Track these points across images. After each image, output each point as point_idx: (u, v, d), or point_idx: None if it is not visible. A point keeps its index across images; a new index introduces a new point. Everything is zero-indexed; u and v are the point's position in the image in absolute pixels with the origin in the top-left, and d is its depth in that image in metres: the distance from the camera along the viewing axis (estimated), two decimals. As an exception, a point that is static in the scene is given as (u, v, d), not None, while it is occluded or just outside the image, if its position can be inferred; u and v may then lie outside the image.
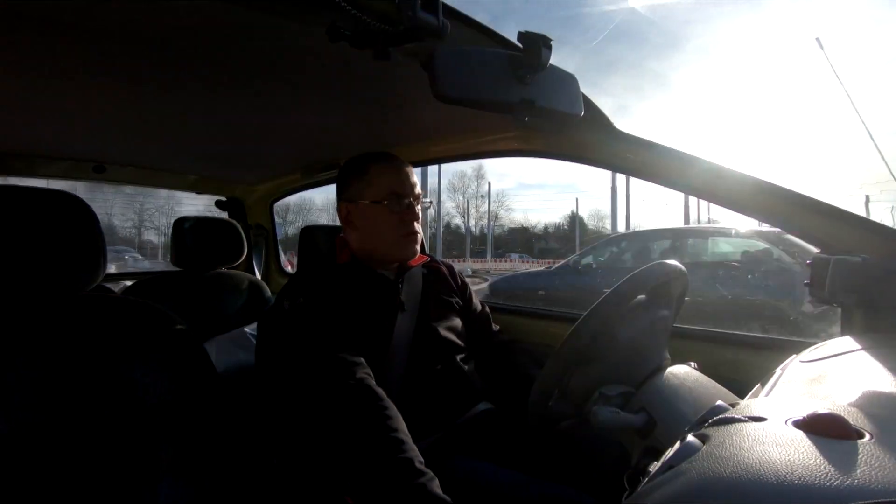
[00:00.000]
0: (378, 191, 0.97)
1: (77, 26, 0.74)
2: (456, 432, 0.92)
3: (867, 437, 0.30)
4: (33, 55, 0.83)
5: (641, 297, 0.73)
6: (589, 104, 0.91)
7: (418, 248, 1.02)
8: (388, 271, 1.02)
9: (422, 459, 0.70)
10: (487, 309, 1.18)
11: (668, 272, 0.73)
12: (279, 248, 2.25)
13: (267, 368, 0.94)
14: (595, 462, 0.85)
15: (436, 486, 0.66)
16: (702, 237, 6.08)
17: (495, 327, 1.16)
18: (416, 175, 1.05)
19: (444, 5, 0.63)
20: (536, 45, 0.68)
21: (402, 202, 0.97)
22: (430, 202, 1.10)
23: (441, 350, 0.99)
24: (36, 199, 0.68)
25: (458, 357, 1.01)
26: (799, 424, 0.32)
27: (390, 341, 0.94)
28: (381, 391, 0.78)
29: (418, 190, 1.01)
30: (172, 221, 1.69)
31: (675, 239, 6.12)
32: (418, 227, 1.00)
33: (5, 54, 0.82)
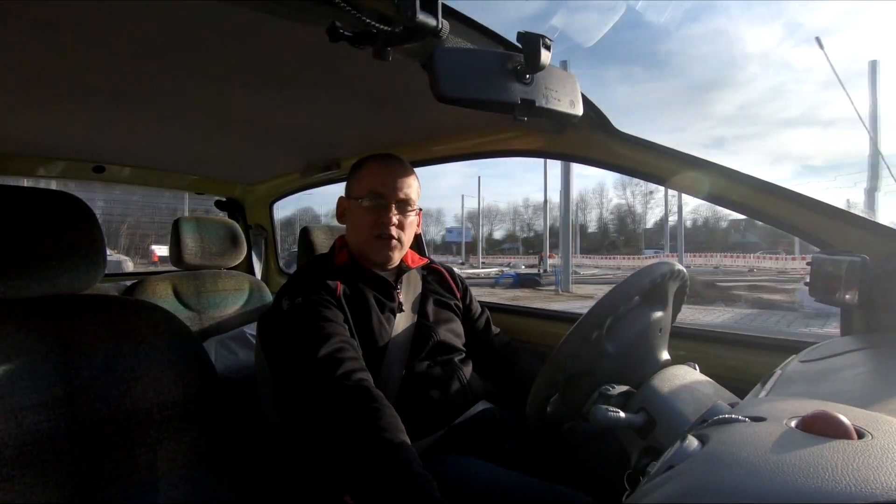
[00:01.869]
0: (361, 187, 0.98)
1: (76, 27, 0.74)
2: (455, 432, 0.92)
3: (867, 437, 0.30)
4: (34, 55, 0.83)
5: (640, 297, 0.73)
6: (589, 104, 0.91)
7: (395, 254, 0.99)
8: (387, 272, 1.02)
9: (420, 462, 0.70)
10: (488, 312, 1.18)
11: (668, 272, 0.73)
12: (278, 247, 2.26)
13: (266, 369, 0.94)
14: (595, 462, 0.85)
15: (434, 489, 0.66)
16: None
17: (495, 330, 1.16)
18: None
19: (444, 5, 0.63)
20: (536, 45, 0.67)
21: (380, 202, 0.95)
22: (419, 210, 1.07)
23: (439, 351, 0.99)
24: (36, 199, 0.68)
25: (457, 358, 1.01)
26: (799, 424, 0.32)
27: (388, 342, 0.94)
28: (378, 392, 0.78)
29: (405, 195, 0.97)
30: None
31: None
32: (395, 231, 0.96)
33: (6, 54, 0.82)
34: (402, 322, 0.98)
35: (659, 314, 0.74)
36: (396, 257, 1.01)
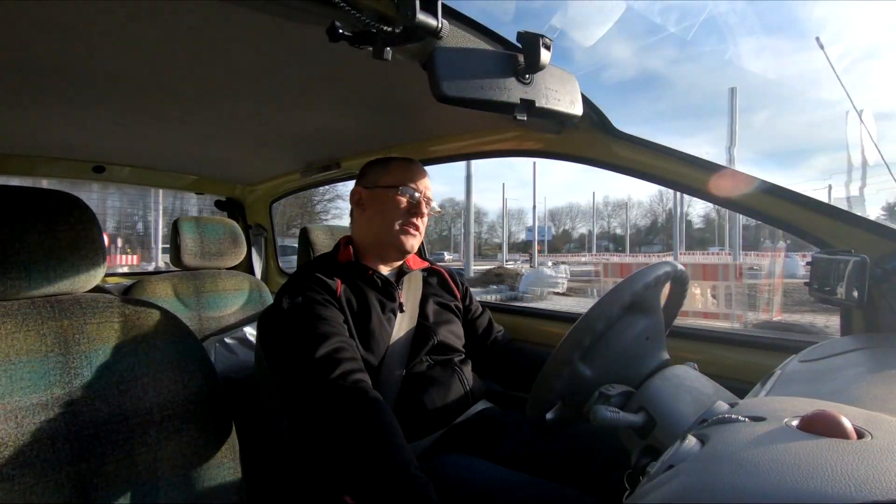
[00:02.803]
0: (394, 178, 1.01)
1: (76, 27, 0.74)
2: (455, 432, 0.92)
3: (867, 437, 0.30)
4: (34, 55, 0.83)
5: (641, 297, 0.73)
6: (588, 104, 0.91)
7: (416, 244, 1.03)
8: (389, 272, 1.03)
9: (417, 464, 0.70)
10: (489, 312, 1.18)
11: (667, 272, 0.73)
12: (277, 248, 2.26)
13: (266, 369, 0.94)
14: (595, 462, 0.85)
15: (431, 492, 0.66)
16: None
17: (498, 328, 1.17)
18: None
19: (444, 5, 0.63)
20: (536, 45, 0.67)
21: (414, 194, 1.01)
22: (440, 211, 1.13)
23: (439, 351, 0.99)
24: (36, 199, 0.68)
25: (457, 358, 1.01)
26: (798, 424, 0.32)
27: (389, 342, 0.94)
28: (375, 393, 0.78)
29: (431, 195, 1.04)
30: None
31: None
32: (422, 224, 1.03)
33: (6, 55, 0.82)
34: (402, 322, 0.98)
35: (659, 313, 0.74)
36: (416, 247, 1.05)
